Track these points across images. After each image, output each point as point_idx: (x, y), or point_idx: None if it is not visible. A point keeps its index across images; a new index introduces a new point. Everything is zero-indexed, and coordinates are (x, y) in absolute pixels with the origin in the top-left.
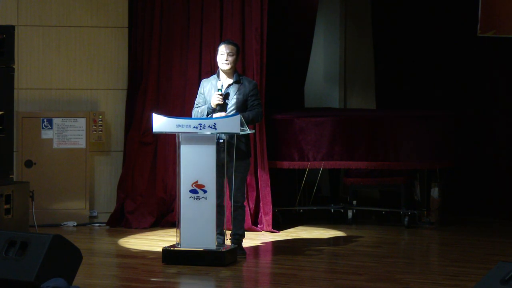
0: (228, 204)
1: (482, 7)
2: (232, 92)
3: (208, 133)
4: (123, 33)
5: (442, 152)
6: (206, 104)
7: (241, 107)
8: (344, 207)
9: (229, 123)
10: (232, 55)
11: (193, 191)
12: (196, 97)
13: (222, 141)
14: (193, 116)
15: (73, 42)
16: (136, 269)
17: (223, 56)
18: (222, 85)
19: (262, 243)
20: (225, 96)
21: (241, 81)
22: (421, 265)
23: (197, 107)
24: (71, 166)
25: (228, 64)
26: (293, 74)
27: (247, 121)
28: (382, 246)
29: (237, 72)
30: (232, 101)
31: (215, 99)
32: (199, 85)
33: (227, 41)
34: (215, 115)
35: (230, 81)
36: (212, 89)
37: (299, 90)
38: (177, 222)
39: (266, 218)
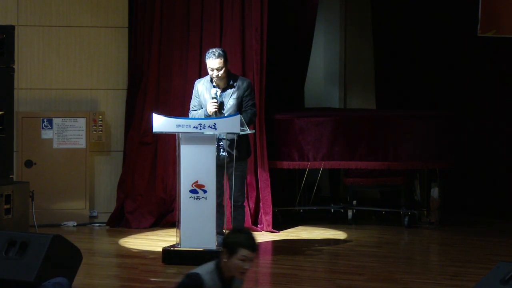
0: (228, 204)
1: (482, 7)
2: (227, 96)
3: (208, 133)
4: (123, 33)
5: (442, 152)
6: (202, 108)
7: (237, 110)
8: (344, 207)
9: (229, 123)
10: (221, 68)
11: (193, 191)
12: (191, 99)
13: (222, 143)
14: None
15: (73, 42)
16: (136, 269)
17: (213, 72)
18: (216, 92)
19: (262, 243)
20: (220, 105)
21: (235, 85)
22: (421, 265)
23: (193, 110)
24: (71, 166)
25: (220, 78)
26: (293, 74)
27: (245, 123)
28: (382, 246)
29: (229, 74)
30: (227, 106)
31: (211, 107)
32: None
33: (212, 54)
34: None
35: (224, 85)
36: (205, 92)
37: (299, 90)
38: (177, 222)
39: (266, 218)
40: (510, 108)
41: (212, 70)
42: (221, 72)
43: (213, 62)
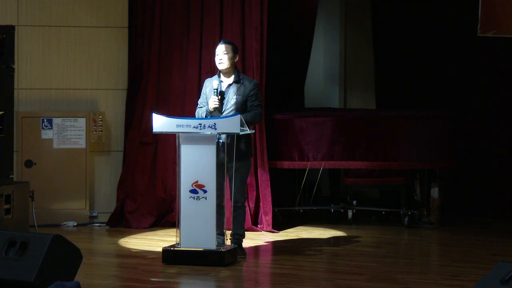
0: (228, 204)
1: (482, 7)
2: (232, 92)
3: (208, 133)
4: (123, 33)
5: (442, 152)
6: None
7: (240, 108)
8: (344, 207)
9: (229, 123)
10: (227, 53)
11: (193, 191)
12: (199, 97)
13: (222, 141)
14: (196, 116)
15: (73, 42)
16: (136, 269)
17: (218, 56)
18: (218, 84)
19: (262, 243)
20: (221, 94)
21: (241, 81)
22: (421, 265)
23: (199, 107)
24: (71, 166)
25: (223, 63)
26: (293, 74)
27: (245, 123)
28: (382, 246)
29: (237, 71)
30: (231, 102)
31: (212, 103)
32: (200, 84)
33: (222, 41)
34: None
35: (230, 81)
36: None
37: (299, 90)
38: (177, 222)
39: (266, 218)
40: (510, 108)
41: (218, 54)
42: (225, 57)
43: (220, 47)
